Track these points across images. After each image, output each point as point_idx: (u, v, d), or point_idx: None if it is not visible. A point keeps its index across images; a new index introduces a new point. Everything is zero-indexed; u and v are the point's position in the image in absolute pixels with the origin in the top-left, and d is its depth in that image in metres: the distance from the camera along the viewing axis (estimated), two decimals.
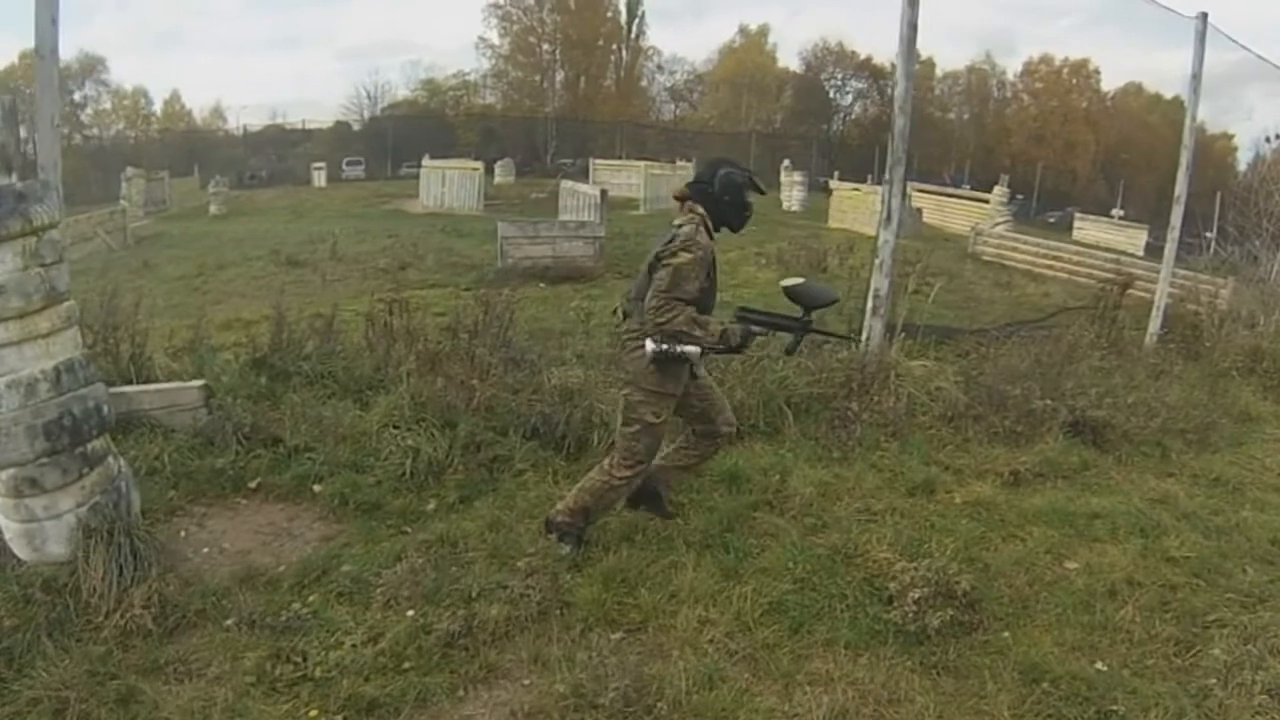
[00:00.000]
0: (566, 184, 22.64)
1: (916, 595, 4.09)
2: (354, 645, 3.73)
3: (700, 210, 4.30)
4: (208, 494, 5.16)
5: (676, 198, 4.46)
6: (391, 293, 7.76)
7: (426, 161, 29.46)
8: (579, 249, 14.82)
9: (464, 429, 5.73)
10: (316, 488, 5.27)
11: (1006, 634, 4.10)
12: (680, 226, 4.24)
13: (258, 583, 4.27)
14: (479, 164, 28.92)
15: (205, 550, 4.62)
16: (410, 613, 3.98)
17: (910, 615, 4.04)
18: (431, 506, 5.15)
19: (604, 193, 18.26)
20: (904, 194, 7.68)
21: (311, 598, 4.14)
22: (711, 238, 4.34)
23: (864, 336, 7.31)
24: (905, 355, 7.34)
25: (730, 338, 4.27)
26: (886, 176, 7.31)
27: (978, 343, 8.29)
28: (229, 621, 3.88)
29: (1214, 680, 3.78)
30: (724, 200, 4.32)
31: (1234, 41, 10.20)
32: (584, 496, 4.51)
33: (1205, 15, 9.40)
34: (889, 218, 7.36)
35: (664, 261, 4.12)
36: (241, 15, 73.19)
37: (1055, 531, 5.16)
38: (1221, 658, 3.89)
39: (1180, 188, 10.00)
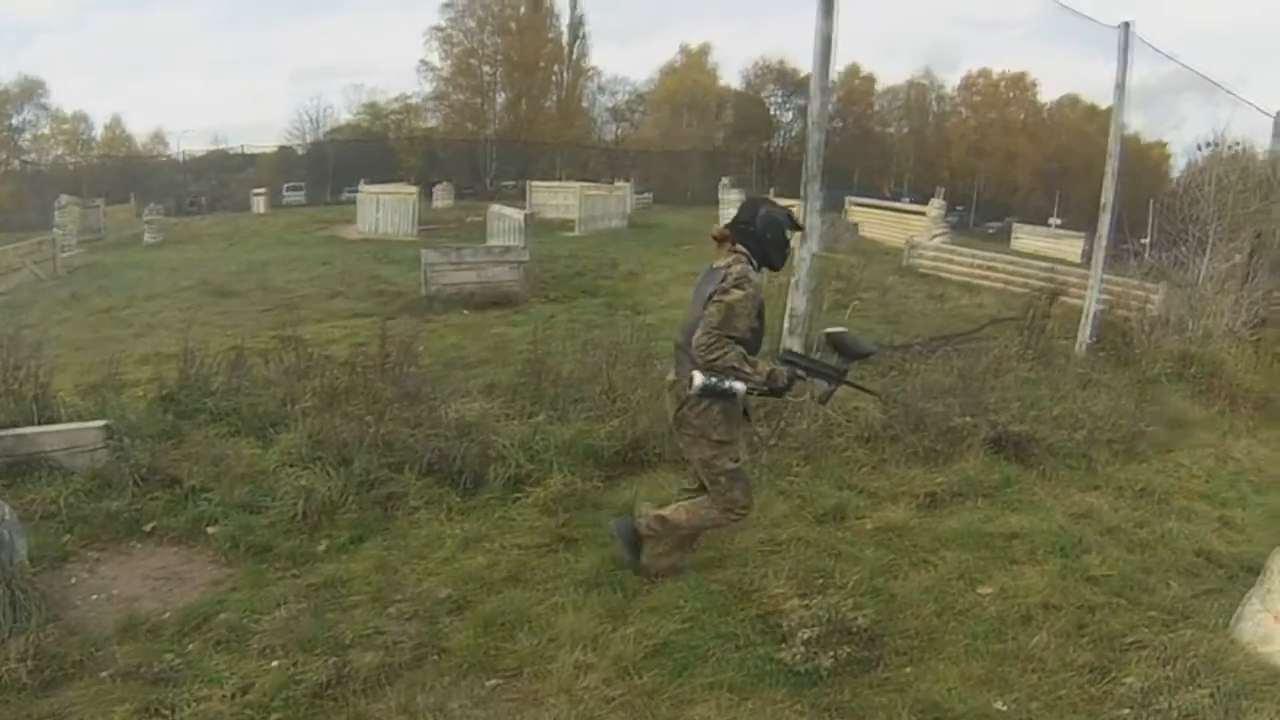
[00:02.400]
0: (494, 208, 22.54)
1: (807, 635, 3.94)
2: (224, 697, 3.60)
3: (743, 249, 4.28)
4: (102, 538, 5.03)
5: (716, 238, 4.43)
6: (289, 328, 7.54)
7: (363, 187, 29.21)
8: (504, 274, 14.69)
9: (359, 466, 5.58)
10: (211, 530, 5.15)
11: (909, 669, 3.94)
12: (730, 265, 4.19)
13: (140, 631, 4.14)
14: (414, 189, 28.77)
15: (94, 597, 4.49)
16: (277, 663, 3.83)
17: (800, 656, 3.87)
18: (323, 547, 5.01)
19: (528, 216, 18.18)
20: (820, 209, 7.56)
21: (190, 646, 4.01)
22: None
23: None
24: None
25: (778, 379, 4.19)
26: (803, 193, 7.18)
27: (902, 358, 8.17)
28: (105, 673, 3.75)
29: (1128, 710, 3.66)
30: (766, 238, 4.30)
31: (1159, 52, 10.43)
32: (686, 518, 4.46)
33: (1128, 25, 9.50)
34: (806, 235, 7.22)
35: (715, 299, 4.06)
36: (188, 38, 72.42)
37: (970, 555, 5.02)
38: (1136, 685, 3.77)
39: (1107, 195, 10.05)
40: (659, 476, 5.97)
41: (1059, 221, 39.74)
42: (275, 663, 3.82)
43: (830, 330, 4.48)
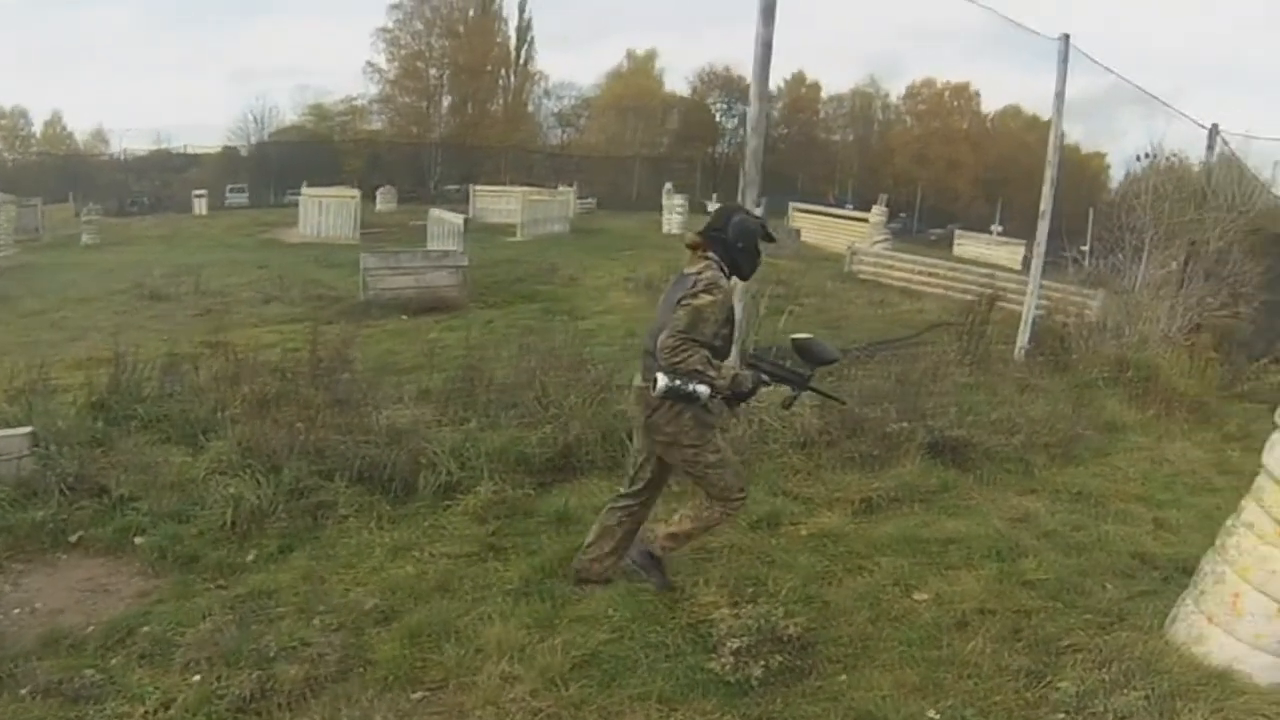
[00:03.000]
0: (435, 212, 22.37)
1: (736, 645, 3.87)
2: (145, 713, 3.52)
3: (714, 256, 4.28)
4: (27, 549, 4.91)
5: (689, 245, 4.41)
6: (221, 333, 7.40)
7: (305, 189, 28.79)
8: (442, 279, 14.65)
9: (289, 474, 5.47)
10: (138, 540, 5.03)
11: (843, 677, 3.89)
12: (700, 271, 4.19)
13: (62, 646, 4.04)
14: (356, 192, 28.44)
15: (16, 611, 4.38)
16: (200, 677, 3.73)
17: (730, 666, 3.80)
18: (251, 557, 4.91)
19: (466, 220, 18.12)
20: (761, 215, 7.52)
21: (113, 661, 3.92)
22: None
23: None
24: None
25: (742, 384, 4.18)
26: (740, 198, 7.09)
27: (840, 364, 8.14)
28: (24, 690, 3.63)
29: (1063, 715, 3.64)
30: (738, 247, 4.31)
31: (1097, 63, 10.62)
32: (692, 525, 4.47)
33: (1067, 37, 9.73)
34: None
35: (683, 302, 4.07)
36: (131, 35, 70.90)
37: (906, 561, 5.00)
38: (1071, 690, 3.74)
39: (1046, 203, 10.20)
40: (591, 483, 5.91)
41: (1000, 229, 40.25)
42: (198, 677, 3.73)
43: (796, 336, 4.45)
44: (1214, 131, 12.91)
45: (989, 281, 14.29)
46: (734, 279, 4.46)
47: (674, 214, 30.59)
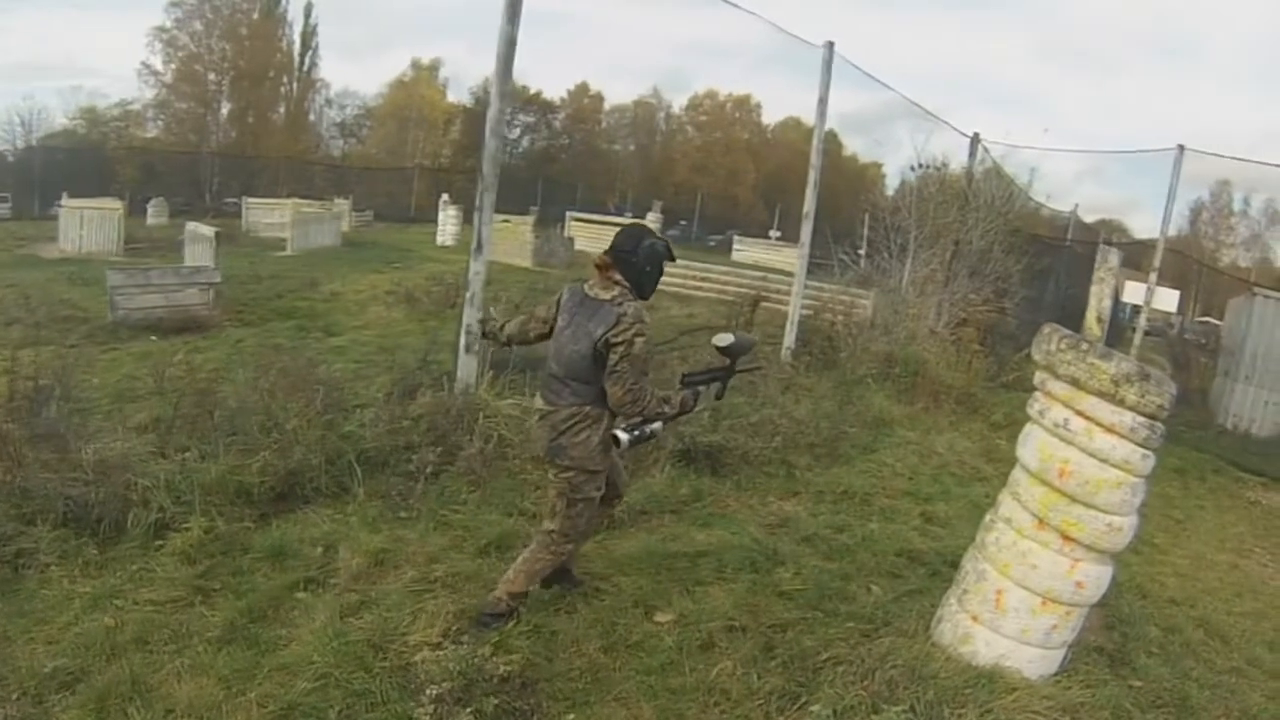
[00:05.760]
0: (191, 226, 21.15)
1: (436, 691, 3.49)
2: None
3: (623, 281, 4.24)
4: None
5: (598, 265, 4.33)
6: None
7: (66, 201, 26.67)
8: (193, 297, 13.73)
9: None
10: None
11: (570, 716, 3.61)
12: (619, 305, 4.14)
13: None
14: (119, 204, 26.53)
15: None
16: None
17: (431, 715, 3.42)
18: None
19: (218, 234, 17.26)
20: (491, 220, 7.18)
21: None
22: None
23: (458, 376, 6.65)
24: (498, 394, 6.74)
25: (687, 403, 4.35)
26: (477, 203, 6.77)
27: None
28: None
29: None
30: (646, 271, 4.28)
31: (859, 70, 10.87)
32: (526, 578, 4.29)
33: (832, 44, 10.03)
34: (479, 246, 6.87)
35: (616, 349, 4.05)
36: None
37: (649, 579, 4.73)
38: (825, 712, 3.56)
39: (809, 204, 10.41)
40: (315, 512, 5.41)
41: (778, 234, 42.03)
42: None
43: (719, 342, 4.51)
44: (975, 139, 13.64)
45: (762, 284, 14.43)
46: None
47: (448, 225, 30.16)
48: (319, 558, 4.82)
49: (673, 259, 4.49)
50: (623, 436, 4.12)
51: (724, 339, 4.55)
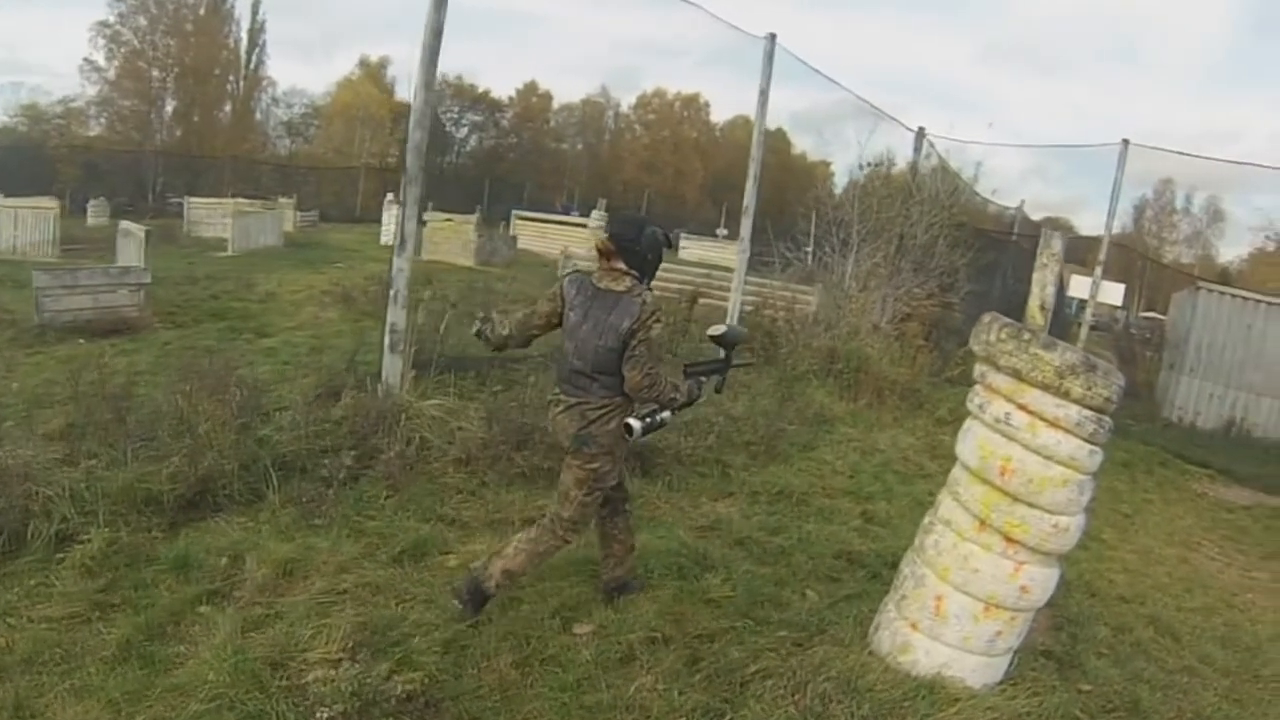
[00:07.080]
0: (123, 225, 20.72)
1: (328, 714, 3.26)
2: None
3: (630, 270, 4.24)
4: None
5: (599, 250, 4.33)
6: None
7: (0, 200, 25.85)
8: (122, 298, 13.30)
9: None
10: None
11: None
12: (638, 295, 4.15)
13: None
14: (55, 203, 26.04)
15: None
16: None
17: None
18: None
19: (148, 233, 16.90)
20: (416, 215, 7.04)
21: None
22: None
23: (382, 376, 6.39)
24: (422, 395, 6.48)
25: (693, 393, 4.37)
26: (401, 197, 6.66)
27: (506, 371, 7.54)
28: None
29: None
30: (648, 259, 4.30)
31: (802, 61, 10.80)
32: (527, 557, 4.24)
33: (773, 36, 9.96)
34: (403, 242, 6.75)
35: (639, 336, 4.08)
36: None
37: (569, 588, 4.51)
38: None
39: (749, 198, 10.26)
40: (226, 520, 5.15)
41: (724, 232, 42.20)
42: None
43: (713, 332, 4.58)
44: (920, 134, 13.60)
45: (704, 280, 14.25)
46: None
47: (392, 225, 29.83)
48: (225, 569, 4.55)
49: (671, 246, 4.67)
50: (635, 425, 4.15)
51: (717, 329, 4.62)
